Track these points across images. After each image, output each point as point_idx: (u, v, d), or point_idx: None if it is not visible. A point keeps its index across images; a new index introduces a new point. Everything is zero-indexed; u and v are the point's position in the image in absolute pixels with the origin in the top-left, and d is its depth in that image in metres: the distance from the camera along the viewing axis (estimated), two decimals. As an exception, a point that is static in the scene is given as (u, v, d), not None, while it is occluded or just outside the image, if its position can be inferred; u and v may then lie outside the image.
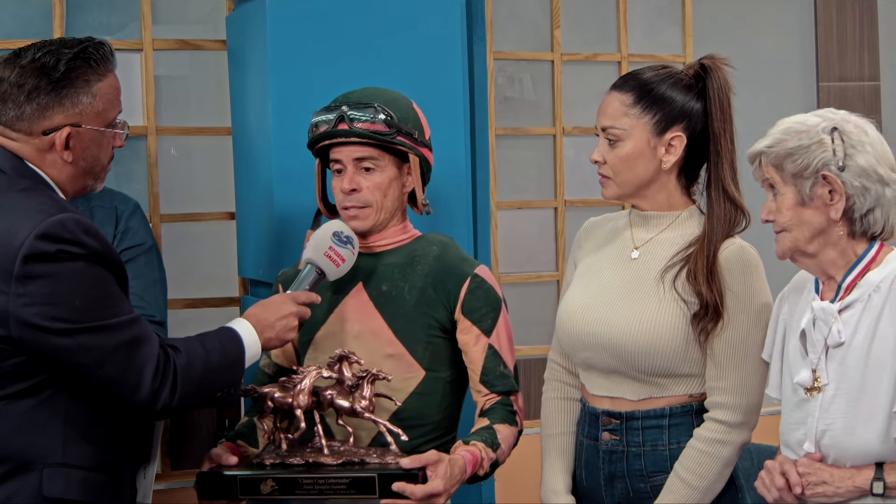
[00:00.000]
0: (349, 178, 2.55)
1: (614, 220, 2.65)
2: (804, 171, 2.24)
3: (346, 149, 2.55)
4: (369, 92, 2.58)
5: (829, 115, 2.29)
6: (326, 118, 2.55)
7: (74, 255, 2.11)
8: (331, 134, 2.55)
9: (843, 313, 2.25)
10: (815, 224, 2.25)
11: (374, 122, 2.52)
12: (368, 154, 2.54)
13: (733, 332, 2.41)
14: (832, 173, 2.22)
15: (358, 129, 2.52)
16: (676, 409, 2.47)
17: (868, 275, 2.25)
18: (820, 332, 2.27)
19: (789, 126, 2.29)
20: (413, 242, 2.64)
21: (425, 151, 2.60)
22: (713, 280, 2.40)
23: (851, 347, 2.23)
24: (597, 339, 2.48)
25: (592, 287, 2.55)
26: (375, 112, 2.52)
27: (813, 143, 2.24)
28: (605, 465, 2.52)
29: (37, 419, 2.15)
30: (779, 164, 2.27)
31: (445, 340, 2.58)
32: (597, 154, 2.52)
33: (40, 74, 2.22)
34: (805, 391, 2.28)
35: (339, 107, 2.55)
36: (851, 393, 2.22)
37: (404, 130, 2.54)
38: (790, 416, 2.33)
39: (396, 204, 2.60)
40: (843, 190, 2.22)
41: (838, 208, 2.23)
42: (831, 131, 2.24)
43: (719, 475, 2.43)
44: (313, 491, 2.36)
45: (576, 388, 2.63)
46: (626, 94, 2.49)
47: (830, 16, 4.67)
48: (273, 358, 2.70)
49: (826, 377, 2.25)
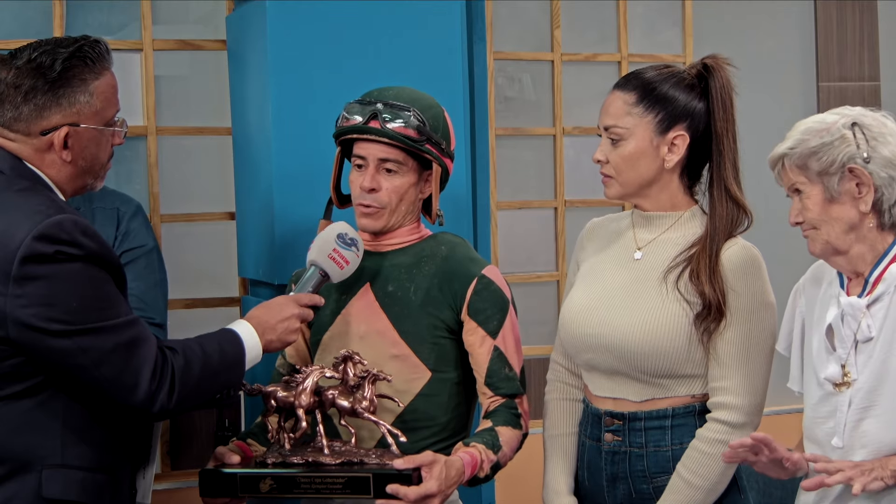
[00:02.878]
0: (370, 177, 2.54)
1: (617, 221, 2.65)
2: (830, 167, 2.24)
3: (374, 147, 2.53)
4: (406, 94, 2.56)
5: (845, 111, 2.30)
6: (360, 111, 2.53)
7: (72, 256, 2.11)
8: (361, 129, 2.52)
9: (872, 308, 2.25)
10: (845, 219, 2.25)
11: (407, 126, 2.50)
12: (394, 157, 2.53)
13: (736, 332, 2.41)
14: (859, 166, 2.22)
15: (390, 130, 2.50)
16: (679, 410, 2.47)
17: (892, 267, 2.25)
18: (849, 328, 2.27)
19: (808, 126, 2.29)
20: (423, 242, 2.63)
21: (448, 162, 2.60)
22: (715, 279, 2.40)
23: (880, 341, 2.23)
24: (599, 340, 2.48)
25: (595, 288, 2.54)
26: (410, 116, 2.50)
27: (835, 139, 2.24)
28: (607, 465, 2.51)
29: (35, 420, 2.15)
30: (803, 164, 2.27)
31: (452, 341, 2.57)
32: (599, 154, 2.52)
33: (37, 75, 2.22)
34: (834, 386, 2.27)
35: (374, 103, 2.53)
36: (883, 386, 2.21)
37: (434, 139, 2.53)
38: (816, 411, 2.32)
39: (410, 209, 2.60)
40: (870, 181, 2.22)
41: (867, 200, 2.23)
42: (851, 126, 2.25)
43: (722, 476, 2.42)
44: (310, 490, 2.37)
45: (578, 389, 2.63)
46: (629, 94, 2.49)
47: (830, 16, 4.67)
48: (287, 358, 2.71)
49: (856, 372, 2.25)
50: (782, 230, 2.64)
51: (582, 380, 2.61)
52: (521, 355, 2.62)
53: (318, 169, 2.98)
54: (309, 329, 2.67)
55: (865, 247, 2.27)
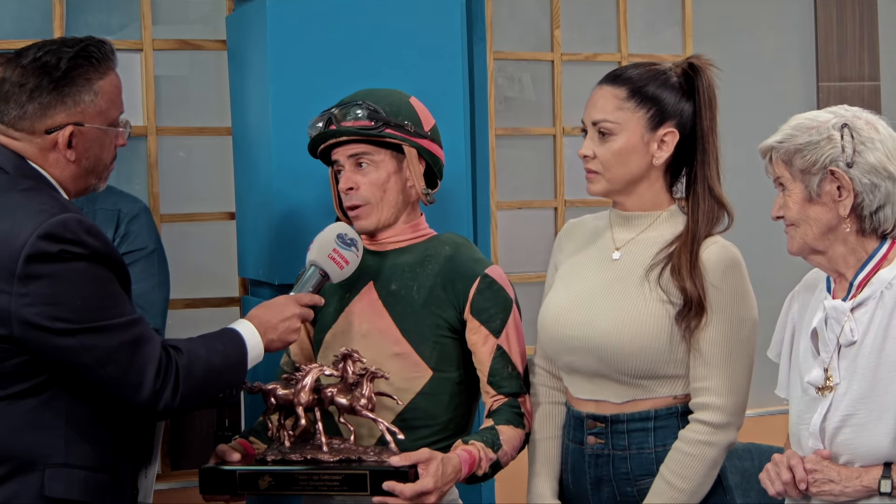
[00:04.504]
0: (346, 177, 2.58)
1: (594, 221, 2.63)
2: (812, 168, 2.24)
3: (341, 149, 2.59)
4: (359, 93, 2.63)
5: (840, 111, 2.29)
6: (319, 121, 2.60)
7: (76, 255, 2.11)
8: (322, 136, 2.60)
9: (856, 312, 2.25)
10: (822, 220, 2.25)
11: (358, 119, 2.55)
12: (361, 150, 2.57)
13: (717, 331, 2.40)
14: (840, 169, 2.22)
15: (344, 126, 2.55)
16: (661, 412, 2.45)
17: (879, 272, 2.24)
18: (832, 331, 2.26)
19: (800, 122, 2.29)
20: (426, 242, 2.64)
21: (424, 142, 2.60)
22: (696, 275, 2.39)
23: (863, 346, 2.22)
24: (580, 341, 2.47)
25: (574, 289, 2.53)
26: (360, 108, 2.55)
27: (822, 139, 2.24)
28: (591, 468, 2.50)
29: (38, 419, 2.15)
30: (788, 159, 2.27)
31: (454, 341, 2.58)
32: (586, 149, 2.50)
33: (42, 74, 2.22)
34: (816, 390, 2.27)
35: (329, 110, 2.60)
36: (863, 392, 2.21)
37: (393, 123, 2.56)
38: (800, 416, 2.32)
39: (399, 199, 2.60)
40: (850, 186, 2.21)
41: (846, 205, 2.22)
42: (841, 128, 2.24)
43: (706, 477, 2.41)
44: (308, 487, 2.38)
45: (560, 392, 2.61)
46: (620, 89, 2.48)
47: (830, 15, 4.67)
48: (292, 356, 2.71)
49: (838, 376, 2.25)
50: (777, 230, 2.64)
51: (563, 382, 2.60)
52: (524, 355, 2.62)
53: (319, 169, 2.97)
54: (313, 327, 2.68)
55: (846, 249, 2.26)
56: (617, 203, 2.55)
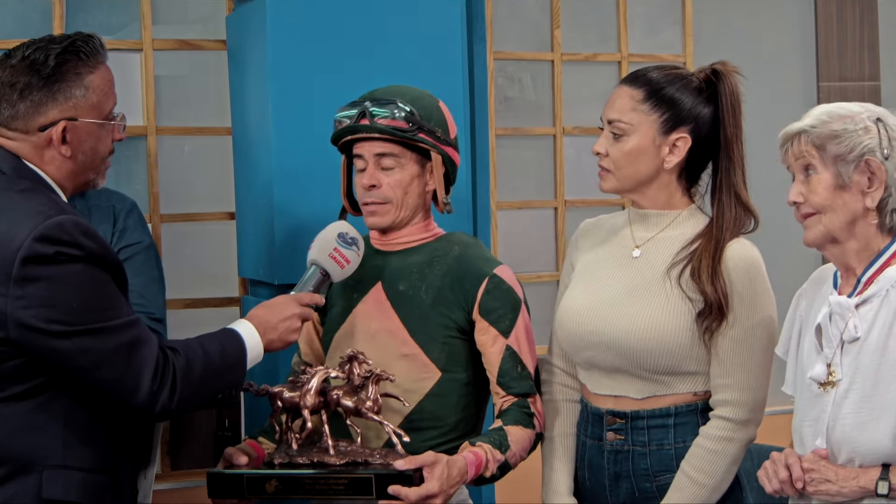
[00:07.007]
0: (370, 174, 2.55)
1: (612, 220, 2.65)
2: (848, 154, 2.23)
3: (368, 144, 2.55)
4: (394, 89, 2.58)
5: (870, 106, 2.29)
6: (349, 113, 2.55)
7: (73, 257, 2.10)
8: (352, 129, 2.55)
9: (861, 308, 2.24)
10: (850, 209, 2.24)
11: (394, 119, 2.51)
12: (389, 150, 2.54)
13: (737, 329, 2.41)
14: (877, 159, 2.21)
15: (379, 124, 2.51)
16: (682, 408, 2.47)
17: (887, 270, 2.24)
18: (836, 327, 2.26)
19: (831, 110, 2.27)
20: (435, 241, 2.63)
21: (449, 150, 2.59)
22: (717, 280, 2.40)
23: (867, 343, 2.22)
24: (601, 337, 2.47)
25: (594, 287, 2.54)
26: (397, 108, 2.52)
27: (859, 128, 2.23)
28: (609, 464, 2.51)
29: (36, 421, 2.14)
30: (821, 144, 2.25)
31: (463, 341, 2.57)
32: (599, 146, 2.51)
33: (31, 71, 2.22)
34: (819, 386, 2.27)
35: (362, 102, 2.55)
36: (865, 389, 2.21)
37: (426, 128, 2.54)
38: (804, 413, 2.32)
39: (418, 202, 2.59)
40: (884, 178, 2.22)
41: (875, 196, 2.22)
42: (876, 121, 2.24)
43: (727, 473, 2.43)
44: (314, 491, 2.38)
45: (575, 390, 2.63)
46: (637, 90, 2.49)
47: (830, 15, 4.67)
48: (303, 356, 2.71)
49: (840, 372, 2.24)
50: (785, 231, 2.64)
51: (578, 380, 2.60)
52: (534, 355, 2.61)
53: (318, 168, 2.98)
54: (322, 328, 2.67)
55: (861, 244, 2.26)
56: (634, 202, 2.56)
